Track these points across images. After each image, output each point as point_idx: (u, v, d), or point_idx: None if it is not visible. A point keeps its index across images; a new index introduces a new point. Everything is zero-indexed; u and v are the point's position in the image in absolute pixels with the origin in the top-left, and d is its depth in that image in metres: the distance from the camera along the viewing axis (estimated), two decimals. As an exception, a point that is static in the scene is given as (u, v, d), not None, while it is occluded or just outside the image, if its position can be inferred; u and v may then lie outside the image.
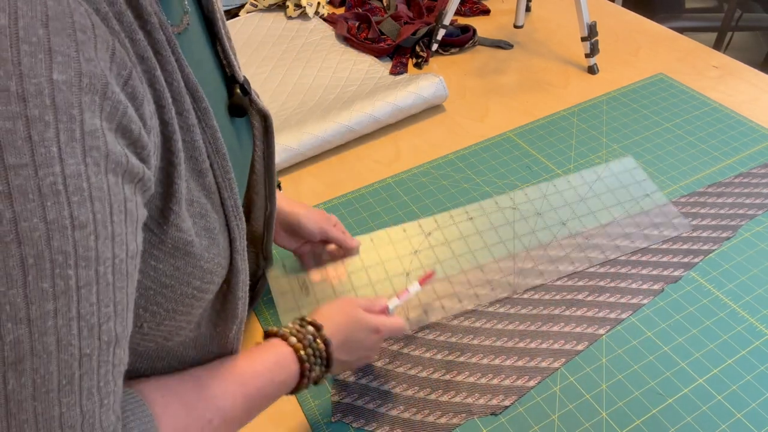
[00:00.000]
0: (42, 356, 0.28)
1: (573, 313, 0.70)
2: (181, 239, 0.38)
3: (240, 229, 0.45)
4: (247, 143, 0.54)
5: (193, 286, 0.40)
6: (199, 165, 0.40)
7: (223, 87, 0.49)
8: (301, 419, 0.62)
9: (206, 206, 0.41)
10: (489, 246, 0.78)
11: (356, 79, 1.11)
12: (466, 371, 0.65)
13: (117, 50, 0.31)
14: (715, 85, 1.09)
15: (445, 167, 0.93)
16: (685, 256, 0.77)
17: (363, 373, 0.65)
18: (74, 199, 0.28)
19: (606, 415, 0.61)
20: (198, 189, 0.40)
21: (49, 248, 0.28)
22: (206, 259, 0.40)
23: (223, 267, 0.43)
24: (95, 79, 0.29)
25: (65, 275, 0.28)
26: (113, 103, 0.30)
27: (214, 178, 0.42)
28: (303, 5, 1.33)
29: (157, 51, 0.35)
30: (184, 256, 0.38)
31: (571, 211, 0.82)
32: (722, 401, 0.62)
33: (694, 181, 0.88)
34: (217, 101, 0.47)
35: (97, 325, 0.30)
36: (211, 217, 0.41)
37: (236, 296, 0.46)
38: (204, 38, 0.47)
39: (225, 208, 0.43)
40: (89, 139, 0.28)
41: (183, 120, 0.38)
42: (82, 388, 0.30)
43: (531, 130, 1.00)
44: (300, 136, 0.92)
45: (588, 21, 1.09)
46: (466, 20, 1.32)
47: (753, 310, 0.70)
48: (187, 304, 0.40)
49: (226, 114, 0.49)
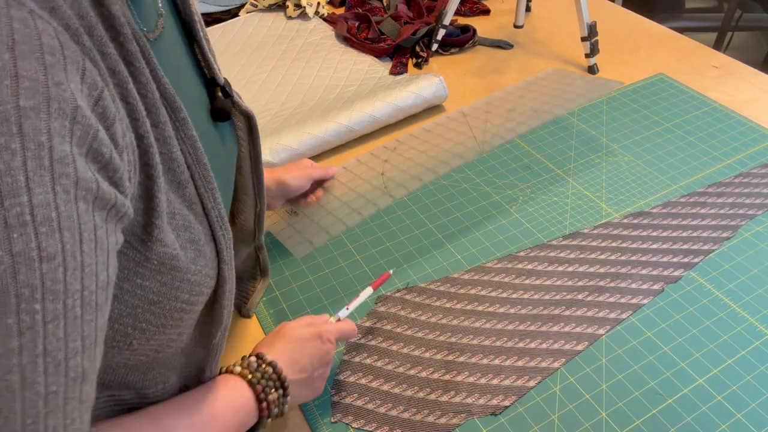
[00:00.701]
0: (5, 395, 0.27)
1: (573, 313, 0.70)
2: (166, 254, 0.37)
3: (226, 239, 0.44)
4: (231, 145, 0.54)
5: (182, 300, 0.39)
6: (177, 176, 0.39)
7: (204, 91, 0.48)
8: (301, 419, 0.62)
9: (189, 218, 0.40)
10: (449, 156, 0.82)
11: (356, 79, 1.11)
12: (466, 371, 0.65)
13: (87, 69, 0.30)
14: (715, 85, 1.09)
15: (445, 167, 0.93)
16: (685, 256, 0.77)
17: (363, 373, 0.65)
18: (42, 230, 0.27)
19: (606, 416, 0.61)
20: (179, 201, 0.40)
21: (14, 282, 0.26)
22: (193, 271, 0.40)
23: (211, 278, 0.43)
24: (64, 103, 0.28)
25: (31, 310, 0.27)
26: (84, 127, 0.29)
27: (195, 189, 0.41)
28: (303, 5, 1.33)
29: (130, 62, 0.34)
30: (171, 271, 0.38)
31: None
32: (722, 401, 0.62)
33: (694, 181, 0.88)
34: (198, 106, 0.46)
35: (63, 360, 0.29)
36: (195, 229, 0.41)
37: (222, 305, 0.45)
38: (181, 41, 0.46)
39: (209, 218, 0.43)
40: (58, 167, 0.27)
41: (159, 132, 0.37)
42: (48, 427, 0.29)
43: (531, 130, 1.00)
44: (300, 136, 0.92)
45: (588, 21, 1.09)
46: (466, 20, 1.32)
47: (753, 310, 0.70)
48: (176, 318, 0.40)
49: (208, 119, 0.48)
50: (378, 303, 0.73)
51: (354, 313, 0.71)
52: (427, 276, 0.76)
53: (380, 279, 0.67)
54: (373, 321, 0.71)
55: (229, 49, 1.23)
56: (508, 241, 0.80)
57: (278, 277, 0.76)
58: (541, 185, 0.89)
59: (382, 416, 0.62)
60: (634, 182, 0.89)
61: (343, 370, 0.66)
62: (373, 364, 0.66)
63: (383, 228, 0.83)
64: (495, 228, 0.82)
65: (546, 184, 0.89)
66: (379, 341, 0.68)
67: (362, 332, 0.70)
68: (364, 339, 0.69)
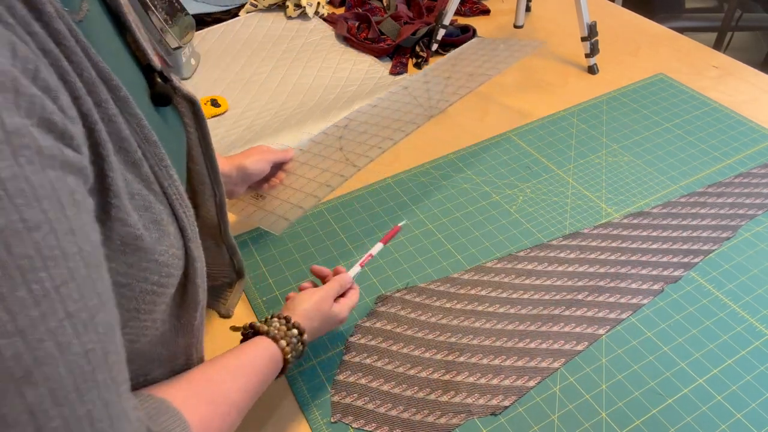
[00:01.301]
0: (48, 363, 0.28)
1: (573, 313, 0.70)
2: (129, 234, 0.37)
3: (188, 216, 0.44)
4: (178, 131, 0.53)
5: (152, 282, 0.39)
6: (131, 156, 0.38)
7: (142, 77, 0.48)
8: (301, 419, 0.62)
9: (148, 198, 0.40)
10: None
11: (356, 79, 1.11)
12: (466, 371, 0.65)
13: (17, 45, 0.29)
14: (715, 85, 1.09)
15: (445, 167, 0.93)
16: (685, 256, 0.77)
17: (363, 373, 0.65)
18: (19, 202, 0.27)
19: (606, 416, 0.61)
20: (137, 181, 0.39)
21: (10, 255, 0.26)
22: (159, 252, 0.40)
23: (179, 258, 0.43)
24: (3, 76, 0.27)
25: (37, 279, 0.27)
26: (29, 98, 0.28)
27: (150, 168, 0.41)
28: (303, 5, 1.33)
29: (59, 42, 0.33)
30: (136, 252, 0.38)
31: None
32: (722, 401, 0.62)
33: (694, 181, 0.88)
34: (137, 91, 0.45)
35: (89, 319, 0.30)
36: (156, 209, 0.40)
37: (195, 284, 0.46)
38: (111, 27, 0.45)
39: (168, 197, 0.42)
40: (15, 138, 0.27)
41: (102, 111, 0.36)
42: (98, 382, 0.30)
43: (531, 130, 1.00)
44: (300, 136, 0.92)
45: (588, 21, 1.09)
46: (466, 20, 1.32)
47: (753, 310, 0.70)
48: (148, 301, 0.40)
49: (149, 104, 0.47)
50: (378, 303, 0.73)
51: (354, 313, 0.71)
52: (427, 276, 0.76)
53: (391, 232, 0.67)
54: (373, 321, 0.71)
55: (229, 49, 1.23)
56: (508, 241, 0.80)
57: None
58: (541, 185, 0.89)
59: (382, 416, 0.62)
60: (634, 182, 0.89)
61: (343, 370, 0.66)
62: (373, 364, 0.66)
63: (383, 228, 0.83)
64: (495, 228, 0.82)
65: (546, 184, 0.89)
66: (379, 341, 0.68)
67: (362, 332, 0.70)
68: (364, 339, 0.69)
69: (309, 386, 0.65)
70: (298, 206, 0.72)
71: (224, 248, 0.69)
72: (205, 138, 0.58)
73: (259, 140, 0.94)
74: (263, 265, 0.78)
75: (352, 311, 0.64)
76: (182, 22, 1.10)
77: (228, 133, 0.99)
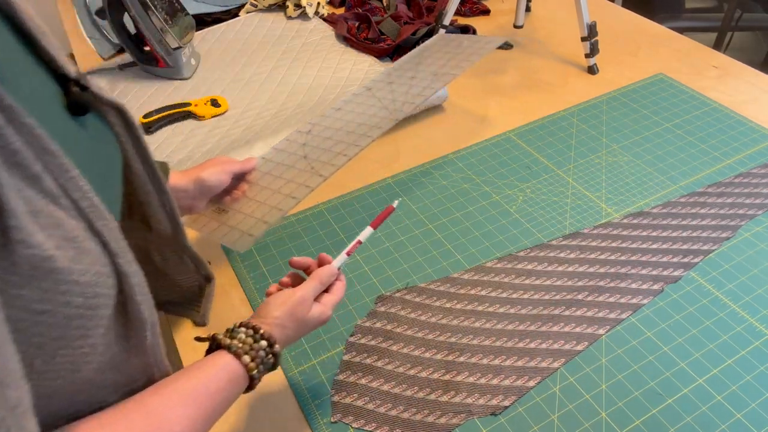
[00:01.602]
0: None
1: (573, 313, 0.70)
2: (36, 256, 0.33)
3: (109, 228, 0.41)
4: (107, 141, 0.50)
5: (75, 305, 0.36)
6: (27, 171, 0.35)
7: (55, 85, 0.45)
8: (301, 419, 0.62)
9: (56, 213, 0.36)
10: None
11: (356, 79, 1.11)
12: (466, 371, 0.65)
13: None
14: (715, 85, 1.09)
15: (445, 167, 0.93)
16: (685, 256, 0.77)
17: (363, 373, 0.65)
18: None
19: (606, 415, 0.61)
20: (39, 197, 0.36)
21: None
22: (78, 272, 0.36)
23: (107, 275, 0.40)
24: None
25: None
26: None
27: (55, 181, 0.37)
28: (303, 5, 1.33)
29: None
30: (49, 274, 0.34)
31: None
32: (722, 401, 0.62)
33: (694, 181, 0.89)
34: (47, 100, 0.43)
35: None
36: (68, 225, 0.37)
37: (135, 302, 0.42)
38: (7, 34, 0.42)
39: (80, 210, 0.39)
40: None
41: None
42: None
43: (531, 130, 1.00)
44: (300, 136, 0.92)
45: (588, 21, 1.09)
46: (466, 20, 1.32)
47: (753, 310, 0.70)
48: (77, 326, 0.37)
49: (65, 113, 0.44)
50: (378, 303, 0.73)
51: (354, 313, 0.71)
52: (427, 276, 0.76)
53: (383, 213, 0.62)
54: (373, 321, 0.71)
55: (229, 49, 1.23)
56: (508, 241, 0.80)
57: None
58: (541, 185, 0.89)
59: (382, 416, 0.62)
60: (634, 182, 0.89)
61: (343, 370, 0.66)
62: (373, 364, 0.66)
63: (383, 228, 0.83)
64: (495, 228, 0.82)
65: (546, 184, 0.89)
66: (379, 341, 0.68)
67: (362, 332, 0.70)
68: (364, 339, 0.69)
69: (309, 386, 0.65)
70: (263, 221, 0.70)
71: (186, 257, 0.65)
72: (141, 148, 0.54)
73: (259, 140, 0.94)
74: (263, 265, 0.78)
75: (352, 311, 0.63)
76: (182, 22, 1.10)
77: (228, 133, 0.99)
